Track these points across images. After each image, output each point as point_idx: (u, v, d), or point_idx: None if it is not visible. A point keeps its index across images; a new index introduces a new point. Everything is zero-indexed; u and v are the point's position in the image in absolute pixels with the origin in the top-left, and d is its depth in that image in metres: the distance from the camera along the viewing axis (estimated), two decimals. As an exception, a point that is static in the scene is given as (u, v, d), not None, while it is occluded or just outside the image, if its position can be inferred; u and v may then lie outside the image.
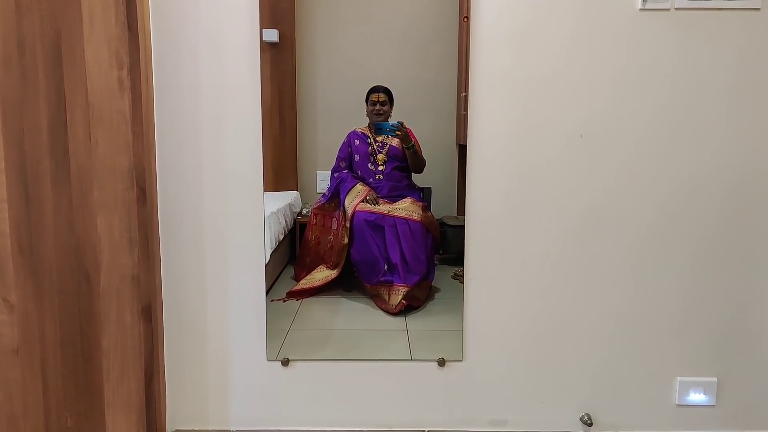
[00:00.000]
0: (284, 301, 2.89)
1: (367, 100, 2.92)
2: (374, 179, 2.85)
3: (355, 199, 2.91)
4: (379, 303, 2.84)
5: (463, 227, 3.80)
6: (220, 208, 1.67)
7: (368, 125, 2.95)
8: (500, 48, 1.63)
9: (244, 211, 1.68)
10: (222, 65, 1.62)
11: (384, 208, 2.82)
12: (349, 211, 2.91)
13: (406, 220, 2.83)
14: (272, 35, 3.64)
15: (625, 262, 1.70)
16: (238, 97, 1.64)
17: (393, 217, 2.83)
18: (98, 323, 1.61)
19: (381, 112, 2.85)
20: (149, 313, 1.61)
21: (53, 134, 1.54)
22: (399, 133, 2.73)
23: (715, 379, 1.75)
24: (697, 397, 1.77)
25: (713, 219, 1.68)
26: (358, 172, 2.90)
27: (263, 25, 3.69)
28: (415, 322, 2.58)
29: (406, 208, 2.82)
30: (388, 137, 2.94)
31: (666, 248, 1.69)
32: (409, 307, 2.82)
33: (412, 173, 2.96)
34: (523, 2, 1.61)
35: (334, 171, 2.91)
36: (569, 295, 1.71)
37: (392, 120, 2.86)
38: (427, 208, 2.95)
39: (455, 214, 3.81)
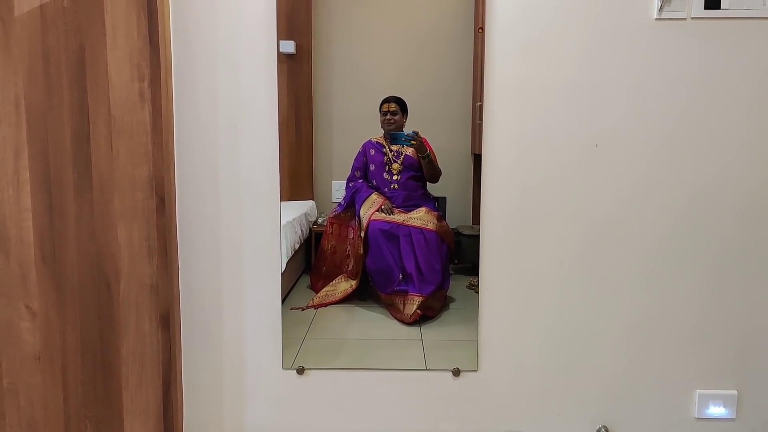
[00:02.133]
0: (303, 310, 2.91)
1: (380, 110, 2.98)
2: (389, 189, 2.89)
3: (370, 208, 2.93)
4: (393, 312, 2.85)
5: (478, 237, 3.79)
6: (236, 217, 1.69)
7: (384, 135, 2.99)
8: (514, 58, 1.64)
9: (260, 220, 1.70)
10: (239, 76, 1.65)
11: (399, 217, 2.84)
12: (365, 221, 2.93)
13: (421, 230, 2.84)
14: (289, 47, 3.69)
15: (641, 271, 1.69)
16: (254, 108, 1.67)
17: (408, 226, 2.84)
18: (118, 331, 1.63)
19: (392, 121, 2.89)
20: (167, 321, 1.63)
21: (76, 145, 1.57)
22: (414, 142, 2.77)
23: (735, 392, 1.72)
24: (716, 410, 1.74)
25: (732, 228, 1.66)
26: (374, 181, 2.94)
27: (280, 36, 3.74)
28: (430, 331, 2.58)
29: (420, 217, 2.83)
30: (403, 147, 2.97)
31: (683, 257, 1.68)
32: (424, 317, 2.82)
33: (428, 183, 2.99)
34: (538, 12, 1.61)
35: (349, 180, 2.96)
36: (585, 305, 1.70)
37: (407, 130, 2.91)
38: (442, 217, 2.96)
39: (470, 224, 3.81)
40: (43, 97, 1.56)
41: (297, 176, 3.78)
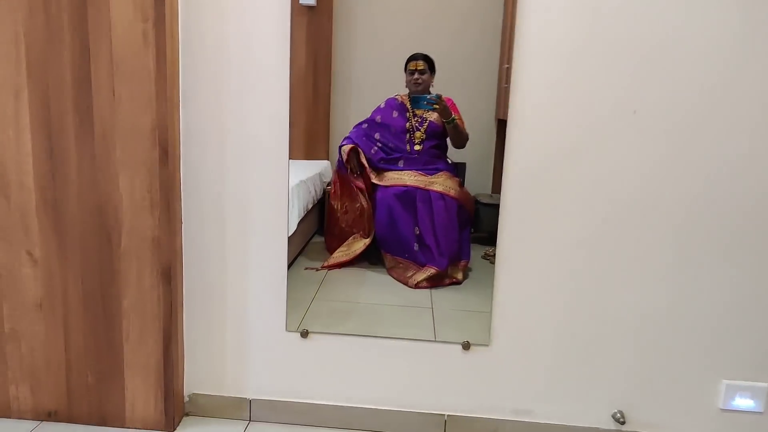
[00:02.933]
0: (317, 270, 2.84)
1: (405, 69, 2.77)
2: (407, 154, 2.72)
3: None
4: (396, 274, 2.75)
5: (497, 206, 3.66)
6: (243, 174, 1.61)
7: (408, 94, 2.81)
8: (549, 14, 1.48)
9: (268, 179, 1.62)
10: (250, 22, 1.54)
11: (419, 179, 2.69)
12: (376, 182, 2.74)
13: (442, 196, 2.70)
14: (309, -2, 3.53)
15: (668, 252, 1.55)
16: (265, 57, 1.56)
17: (428, 190, 2.71)
18: (119, 283, 1.59)
19: (419, 81, 2.68)
20: (168, 276, 1.58)
21: (77, 88, 1.50)
22: (437, 106, 2.57)
23: (765, 384, 1.60)
24: (743, 402, 1.63)
25: (776, 211, 1.51)
26: (390, 144, 2.76)
27: (301, -13, 3.57)
28: (442, 300, 2.49)
29: (442, 182, 2.68)
30: (427, 111, 2.77)
31: (715, 240, 1.54)
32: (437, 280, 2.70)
33: (454, 148, 2.80)
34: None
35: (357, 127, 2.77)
36: (606, 284, 1.59)
37: (433, 91, 2.71)
38: (462, 183, 2.82)
39: (490, 192, 3.67)
40: (43, 36, 1.48)
41: (312, 135, 3.66)
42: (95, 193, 1.55)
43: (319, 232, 3.48)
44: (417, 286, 2.64)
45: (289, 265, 2.75)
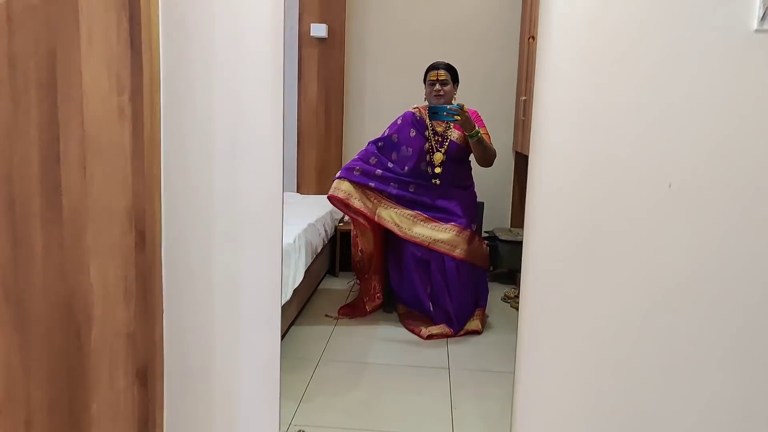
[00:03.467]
0: (335, 319, 2.62)
1: (425, 80, 2.52)
2: (425, 183, 2.44)
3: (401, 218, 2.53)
4: (409, 324, 2.53)
5: (516, 242, 3.46)
6: (232, 255, 1.44)
7: (427, 107, 2.55)
8: (573, 72, 1.32)
9: (260, 259, 1.44)
10: (240, 90, 1.39)
11: (424, 233, 2.43)
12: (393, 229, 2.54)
13: (452, 258, 2.48)
14: (321, 30, 3.42)
15: (731, 343, 1.36)
16: (257, 128, 1.40)
17: (437, 252, 2.49)
18: (88, 384, 1.40)
19: (442, 93, 2.41)
20: (145, 377, 1.39)
21: (45, 167, 1.34)
22: (458, 117, 2.29)
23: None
24: None
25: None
26: (405, 168, 2.47)
27: (311, 19, 3.48)
28: (459, 356, 2.29)
29: (451, 241, 2.44)
30: (448, 128, 2.45)
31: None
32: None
33: (480, 166, 2.51)
34: (607, 18, 1.29)
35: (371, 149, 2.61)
36: (657, 378, 1.38)
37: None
38: (474, 233, 2.60)
39: (509, 227, 3.49)
40: (8, 109, 1.33)
41: (325, 169, 3.53)
42: (63, 283, 1.37)
43: (331, 271, 3.31)
44: (429, 337, 2.42)
45: (297, 315, 2.57)
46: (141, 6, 1.28)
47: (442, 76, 2.50)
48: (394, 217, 2.53)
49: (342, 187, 2.56)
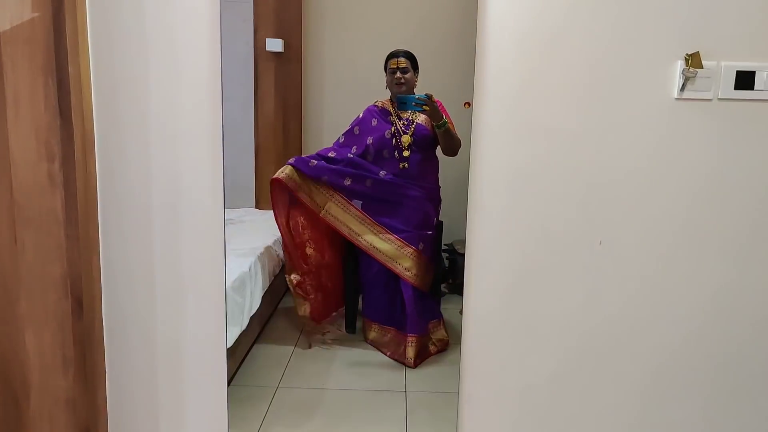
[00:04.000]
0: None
1: (386, 69, 2.48)
2: (396, 170, 2.41)
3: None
4: (386, 350, 2.53)
5: None
6: (175, 316, 1.43)
7: (390, 98, 2.51)
8: (510, 139, 1.34)
9: (203, 320, 1.44)
10: (177, 149, 1.37)
11: (381, 245, 2.42)
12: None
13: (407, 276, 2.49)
14: (276, 45, 3.36)
15: (642, 389, 1.42)
16: (197, 185, 1.38)
17: (388, 268, 2.49)
18: (28, 451, 1.39)
19: (403, 80, 2.38)
20: (87, 442, 1.39)
21: (-26, 236, 1.31)
22: (427, 108, 2.27)
23: None
24: None
25: (755, 346, 1.39)
26: (368, 157, 2.44)
27: (267, 34, 3.42)
28: (417, 379, 2.32)
29: (405, 263, 2.45)
30: (414, 113, 2.43)
31: (691, 375, 1.42)
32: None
33: (445, 156, 2.49)
34: (537, 85, 1.31)
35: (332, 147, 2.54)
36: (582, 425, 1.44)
37: (418, 92, 2.38)
38: (426, 250, 2.59)
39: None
40: (-68, 178, 1.29)
41: None
42: (-2, 352, 1.35)
43: (288, 292, 3.29)
44: (415, 364, 2.44)
45: (253, 343, 2.56)
46: (70, 71, 1.25)
47: (403, 64, 2.49)
48: (347, 219, 2.53)
49: (286, 171, 2.55)
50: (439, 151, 2.55)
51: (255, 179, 3.47)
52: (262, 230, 3.03)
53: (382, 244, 2.51)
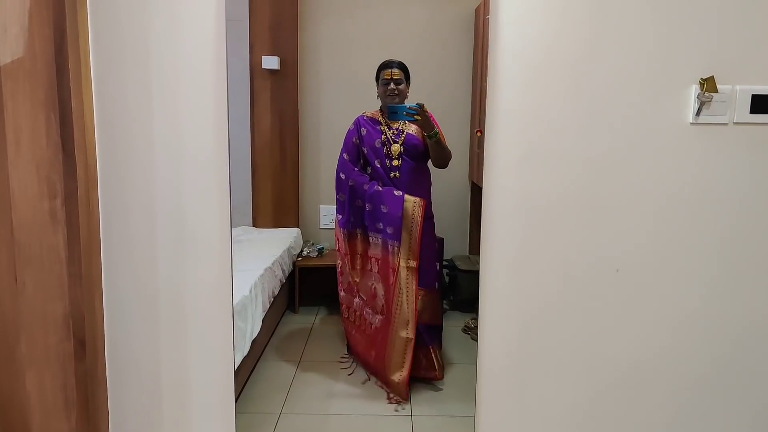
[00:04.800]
0: (348, 367, 2.55)
1: (377, 79, 2.44)
2: (387, 179, 2.36)
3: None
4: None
5: (474, 272, 3.40)
6: (180, 353, 1.39)
7: (380, 109, 2.47)
8: (520, 166, 1.31)
9: (209, 356, 1.40)
10: (182, 185, 1.33)
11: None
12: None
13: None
14: (272, 62, 3.35)
15: (670, 420, 1.40)
16: (201, 221, 1.35)
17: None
18: (29, 497, 1.34)
19: (396, 92, 2.33)
20: (89, 487, 1.34)
21: (-28, 275, 1.26)
22: (418, 117, 2.23)
23: None
24: None
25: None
26: (369, 169, 2.38)
27: (263, 51, 3.40)
28: (422, 403, 2.28)
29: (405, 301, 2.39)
30: (404, 123, 2.38)
31: (726, 403, 1.39)
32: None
33: (436, 168, 2.43)
34: (549, 111, 1.29)
35: (339, 171, 2.46)
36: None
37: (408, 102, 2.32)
38: (434, 279, 2.53)
39: (467, 254, 3.50)
40: (-71, 217, 1.25)
41: (281, 201, 3.46)
42: (-3, 394, 1.30)
43: (290, 308, 3.25)
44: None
45: (253, 367, 2.51)
46: (73, 105, 1.22)
47: (396, 75, 2.44)
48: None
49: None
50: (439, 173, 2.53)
51: (252, 197, 3.44)
52: (261, 250, 3.00)
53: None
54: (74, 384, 1.30)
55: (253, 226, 3.50)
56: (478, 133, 2.66)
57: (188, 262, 1.35)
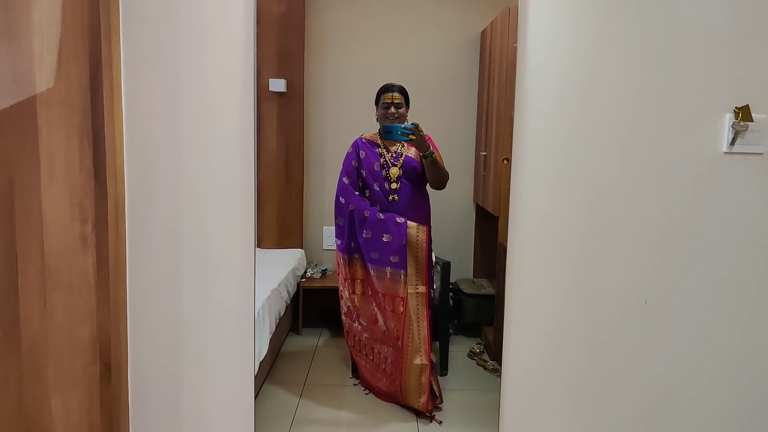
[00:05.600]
0: (362, 387, 2.53)
1: (377, 102, 2.45)
2: (386, 202, 2.36)
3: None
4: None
5: (479, 296, 3.39)
6: (202, 380, 1.40)
7: (378, 131, 2.49)
8: (552, 196, 1.34)
9: (230, 382, 1.40)
10: (206, 213, 1.35)
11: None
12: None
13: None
14: (279, 85, 3.40)
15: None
16: (226, 245, 1.37)
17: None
18: None
19: (396, 116, 2.34)
20: None
21: (2, 299, 1.27)
22: (413, 137, 2.23)
23: None
24: None
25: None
26: (366, 192, 2.38)
27: (270, 74, 3.45)
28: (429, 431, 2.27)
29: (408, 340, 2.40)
30: (401, 144, 2.44)
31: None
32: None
33: (433, 189, 2.43)
34: (579, 137, 1.32)
35: (339, 194, 2.46)
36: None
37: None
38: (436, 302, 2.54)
39: (471, 277, 3.51)
40: (-40, 240, 1.26)
41: (285, 222, 3.49)
42: (22, 418, 1.30)
43: (294, 329, 3.25)
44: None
45: (259, 388, 2.50)
46: (106, 133, 1.24)
47: (397, 99, 2.46)
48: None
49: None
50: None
51: (257, 218, 3.47)
52: (267, 271, 3.00)
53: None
54: (99, 409, 1.30)
55: (258, 246, 3.51)
56: (505, 162, 2.67)
57: (212, 288, 1.37)
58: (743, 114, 1.27)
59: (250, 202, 1.36)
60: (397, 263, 2.32)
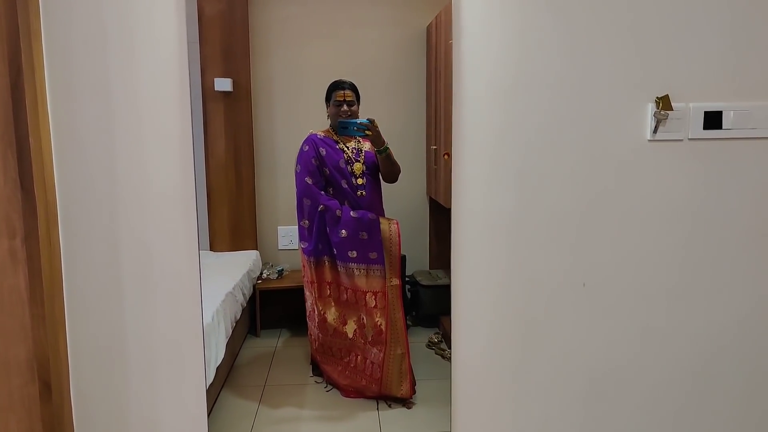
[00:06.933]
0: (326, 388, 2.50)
1: (328, 100, 2.44)
2: (354, 198, 2.38)
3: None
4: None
5: (436, 287, 3.42)
6: (149, 395, 1.35)
7: (330, 127, 2.47)
8: (489, 183, 1.35)
9: (180, 391, 1.37)
10: (147, 219, 1.31)
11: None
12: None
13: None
14: (225, 84, 3.32)
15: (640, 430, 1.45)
16: (169, 253, 1.33)
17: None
18: None
19: (349, 113, 2.34)
20: None
21: (-74, 322, 1.20)
22: (369, 132, 2.23)
23: None
24: None
25: (742, 377, 1.45)
26: (330, 190, 2.36)
27: (215, 74, 3.37)
28: (391, 423, 2.28)
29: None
30: (358, 141, 2.43)
31: (697, 408, 1.46)
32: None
33: (386, 183, 2.44)
34: (517, 131, 1.34)
35: (302, 196, 2.40)
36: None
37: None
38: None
39: (428, 269, 3.54)
40: None
41: (238, 224, 3.42)
42: (-44, 446, 1.24)
43: (252, 331, 3.20)
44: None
45: (217, 395, 2.45)
46: (31, 142, 1.18)
47: (349, 96, 2.46)
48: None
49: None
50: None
51: (208, 221, 3.39)
52: (221, 275, 2.95)
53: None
54: (41, 429, 1.25)
55: (210, 250, 3.44)
56: (446, 156, 2.69)
57: (156, 297, 1.33)
58: (664, 103, 1.32)
59: (192, 205, 1.32)
60: (376, 259, 2.35)
